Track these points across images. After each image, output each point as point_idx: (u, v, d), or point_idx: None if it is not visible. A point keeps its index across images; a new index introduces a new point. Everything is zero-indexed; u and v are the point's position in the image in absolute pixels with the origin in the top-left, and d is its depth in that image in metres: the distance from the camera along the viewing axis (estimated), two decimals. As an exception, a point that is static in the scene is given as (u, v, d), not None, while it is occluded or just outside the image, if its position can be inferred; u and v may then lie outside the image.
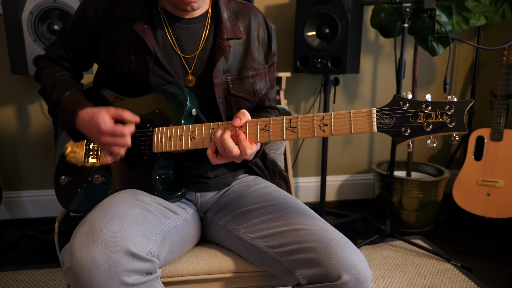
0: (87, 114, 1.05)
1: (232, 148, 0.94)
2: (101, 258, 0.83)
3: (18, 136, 2.40)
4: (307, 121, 0.90)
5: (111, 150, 1.03)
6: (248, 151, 0.94)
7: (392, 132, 0.84)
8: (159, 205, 1.05)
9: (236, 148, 0.94)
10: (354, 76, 2.71)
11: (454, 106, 0.80)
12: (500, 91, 2.30)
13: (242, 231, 1.07)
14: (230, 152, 0.94)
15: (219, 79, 1.11)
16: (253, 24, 1.17)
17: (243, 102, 1.16)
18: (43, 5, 1.87)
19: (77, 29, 1.16)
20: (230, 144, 0.94)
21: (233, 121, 0.96)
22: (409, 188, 2.38)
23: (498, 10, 2.24)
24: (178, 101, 1.06)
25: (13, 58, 1.99)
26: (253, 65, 1.15)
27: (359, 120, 0.86)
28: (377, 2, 2.04)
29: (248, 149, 0.94)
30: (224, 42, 1.10)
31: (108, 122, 1.01)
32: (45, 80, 1.17)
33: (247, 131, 0.95)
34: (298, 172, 2.79)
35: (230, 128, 0.96)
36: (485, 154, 2.35)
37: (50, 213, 2.50)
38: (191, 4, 1.04)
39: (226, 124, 0.98)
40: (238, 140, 0.94)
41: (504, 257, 2.13)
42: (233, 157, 0.96)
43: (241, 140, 0.94)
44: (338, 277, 0.90)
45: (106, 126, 1.00)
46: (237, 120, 0.96)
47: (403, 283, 1.89)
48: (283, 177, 1.32)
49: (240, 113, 0.97)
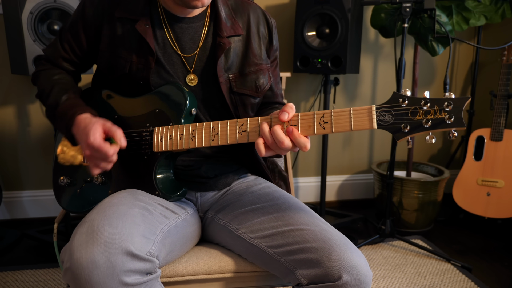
0: (83, 121, 1.03)
1: (283, 139, 0.90)
2: (100, 258, 0.82)
3: (18, 136, 2.40)
4: (308, 118, 0.90)
5: (96, 163, 1.02)
6: (308, 146, 0.91)
7: (392, 129, 0.85)
8: (159, 205, 1.05)
9: (287, 139, 0.91)
10: (354, 76, 2.71)
11: (452, 103, 0.81)
12: (500, 91, 2.30)
13: (242, 231, 1.07)
14: (281, 144, 0.91)
15: (222, 78, 1.11)
16: (252, 20, 1.17)
17: (248, 99, 1.15)
18: (43, 5, 1.87)
19: (76, 29, 1.15)
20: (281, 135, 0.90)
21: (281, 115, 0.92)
22: (409, 188, 2.38)
23: (498, 10, 2.24)
24: (178, 100, 1.06)
25: (13, 58, 1.99)
26: (254, 60, 1.15)
27: (359, 117, 0.86)
28: (377, 2, 2.04)
29: (308, 144, 0.91)
30: (224, 39, 1.10)
31: (98, 137, 0.99)
32: (42, 83, 1.16)
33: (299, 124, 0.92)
34: (298, 172, 2.79)
35: (274, 121, 0.93)
36: (485, 154, 2.35)
37: (50, 213, 2.50)
38: (202, 0, 1.03)
39: (270, 118, 0.94)
40: (293, 137, 0.91)
41: (504, 257, 2.13)
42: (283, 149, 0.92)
43: (297, 137, 0.90)
44: (339, 277, 0.90)
45: (94, 141, 0.98)
46: (285, 114, 0.92)
47: (403, 283, 1.89)
48: (283, 177, 1.32)
49: (288, 107, 0.93)
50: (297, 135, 0.90)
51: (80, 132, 1.03)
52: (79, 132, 1.04)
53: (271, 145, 0.92)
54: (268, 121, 0.94)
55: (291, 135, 0.90)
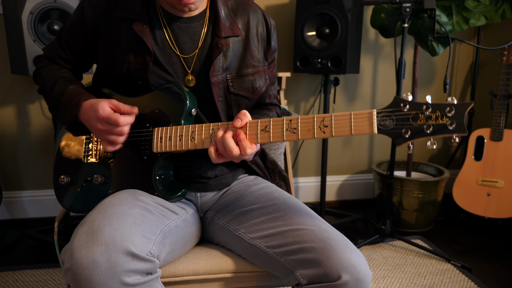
0: (89, 103, 1.06)
1: (233, 148, 0.94)
2: (101, 258, 0.83)
3: (18, 136, 2.40)
4: (308, 122, 0.90)
5: (107, 138, 1.04)
6: (248, 151, 0.94)
7: (393, 134, 0.84)
8: (159, 205, 1.05)
9: (237, 148, 0.94)
10: (354, 76, 2.71)
11: (454, 108, 0.80)
12: (500, 91, 2.30)
13: (242, 231, 1.07)
14: (230, 152, 0.94)
15: (217, 78, 1.10)
16: (252, 21, 1.17)
17: (243, 100, 1.16)
18: (43, 5, 1.87)
19: (75, 30, 1.16)
20: (230, 144, 0.94)
21: (234, 121, 0.96)
22: (409, 188, 2.38)
23: (498, 10, 2.24)
24: (178, 101, 1.06)
25: (13, 58, 1.99)
26: (252, 62, 1.15)
27: (359, 121, 0.86)
28: (377, 2, 2.04)
29: (248, 149, 0.94)
30: (221, 40, 1.10)
31: (107, 109, 1.01)
32: (45, 78, 1.17)
33: (247, 132, 0.95)
34: (298, 172, 2.79)
35: (231, 128, 0.96)
36: (485, 154, 2.35)
37: (50, 213, 2.50)
38: (189, 5, 1.04)
39: (227, 124, 0.98)
40: (238, 139, 0.94)
41: (504, 257, 2.13)
42: (232, 157, 0.96)
43: (241, 140, 0.94)
44: (338, 277, 0.90)
45: (104, 113, 1.01)
46: (238, 120, 0.95)
47: (403, 283, 1.89)
48: (283, 177, 1.32)
49: (241, 114, 0.96)
50: (242, 139, 0.94)
51: (88, 111, 1.05)
52: (86, 113, 1.05)
53: (222, 152, 0.96)
54: (224, 128, 0.97)
55: (237, 138, 0.94)
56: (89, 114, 1.05)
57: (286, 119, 0.92)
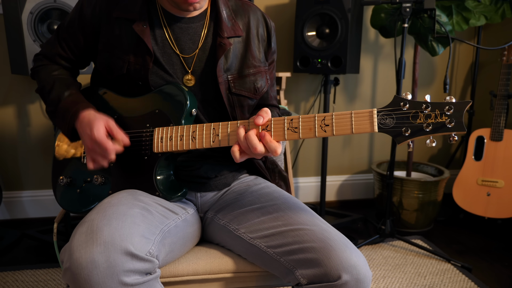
0: (87, 116, 1.06)
1: (256, 145, 0.92)
2: (100, 258, 0.82)
3: (18, 136, 2.40)
4: (309, 121, 0.91)
5: (93, 156, 1.05)
6: (278, 151, 0.93)
7: (393, 132, 0.85)
8: (159, 205, 1.05)
9: (260, 145, 0.93)
10: (354, 76, 2.71)
11: (453, 107, 0.81)
12: (500, 91, 2.30)
13: (242, 231, 1.07)
14: (254, 149, 0.93)
15: (221, 78, 1.11)
16: (252, 22, 1.17)
17: (245, 101, 1.15)
18: (43, 5, 1.87)
19: (74, 27, 1.16)
20: (254, 141, 0.92)
21: (256, 118, 0.94)
22: (409, 188, 2.38)
23: (498, 10, 2.24)
24: (178, 101, 1.06)
25: (13, 58, 1.99)
26: (253, 62, 1.15)
27: (360, 120, 0.86)
28: (377, 2, 2.04)
29: (278, 149, 0.93)
30: (224, 40, 1.10)
31: (102, 131, 1.02)
32: (42, 78, 1.17)
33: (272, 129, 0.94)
34: (298, 172, 2.79)
35: (251, 126, 0.95)
36: (485, 154, 2.35)
37: (50, 213, 2.50)
38: (194, 5, 1.04)
39: (247, 122, 0.96)
40: (265, 141, 0.93)
41: (504, 257, 2.13)
42: (256, 154, 0.94)
43: (268, 142, 0.93)
44: (338, 277, 0.90)
45: (97, 135, 1.01)
46: (260, 118, 0.94)
47: (403, 283, 1.89)
48: (283, 177, 1.32)
49: (263, 111, 0.95)
50: (268, 140, 0.92)
51: (84, 126, 1.05)
52: (82, 126, 1.06)
53: (246, 150, 0.95)
54: (245, 126, 0.95)
55: (263, 139, 0.93)
56: (84, 128, 1.05)
57: (287, 119, 0.93)
